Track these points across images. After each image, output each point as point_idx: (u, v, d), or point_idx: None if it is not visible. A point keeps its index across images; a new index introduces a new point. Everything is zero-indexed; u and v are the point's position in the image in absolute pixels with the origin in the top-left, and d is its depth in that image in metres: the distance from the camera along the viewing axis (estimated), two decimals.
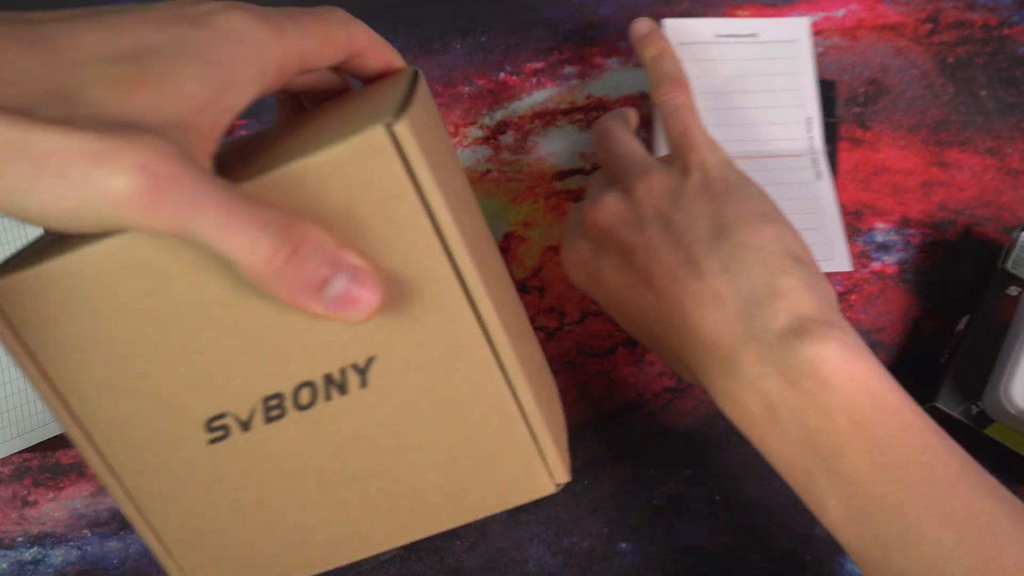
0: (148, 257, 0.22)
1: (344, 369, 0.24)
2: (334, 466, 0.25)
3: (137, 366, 0.23)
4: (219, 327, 0.23)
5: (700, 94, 0.45)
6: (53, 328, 0.23)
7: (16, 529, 0.43)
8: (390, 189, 0.21)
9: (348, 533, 0.26)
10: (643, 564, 0.41)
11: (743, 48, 0.45)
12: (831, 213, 0.43)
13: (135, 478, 0.25)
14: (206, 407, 0.24)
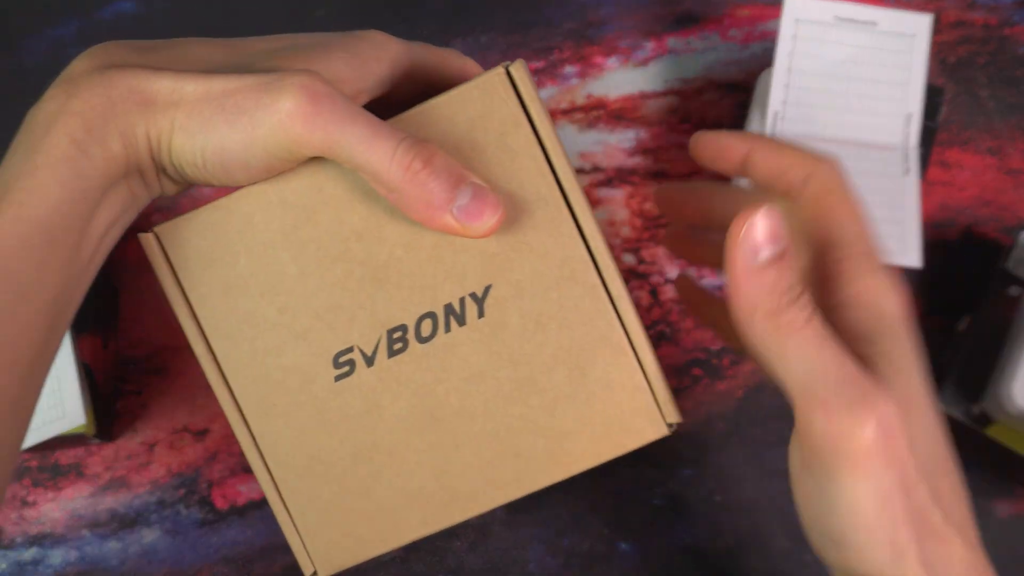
0: (294, 196, 0.25)
1: (463, 299, 0.25)
2: (451, 401, 0.25)
3: (278, 301, 0.25)
4: (353, 261, 0.25)
5: (808, 74, 0.45)
6: (206, 267, 0.26)
7: (15, 529, 0.43)
8: (507, 121, 0.25)
9: (464, 484, 0.26)
10: (643, 564, 0.41)
11: (860, 34, 0.45)
12: (912, 210, 0.43)
13: (263, 420, 0.26)
14: (336, 341, 0.25)
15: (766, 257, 0.23)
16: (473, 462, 0.26)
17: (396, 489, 0.26)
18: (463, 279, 0.25)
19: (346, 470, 0.26)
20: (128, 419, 0.45)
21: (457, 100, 0.25)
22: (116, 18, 0.56)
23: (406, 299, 0.25)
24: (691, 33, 0.54)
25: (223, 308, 0.26)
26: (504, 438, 0.26)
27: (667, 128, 0.51)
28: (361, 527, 0.26)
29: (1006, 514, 0.41)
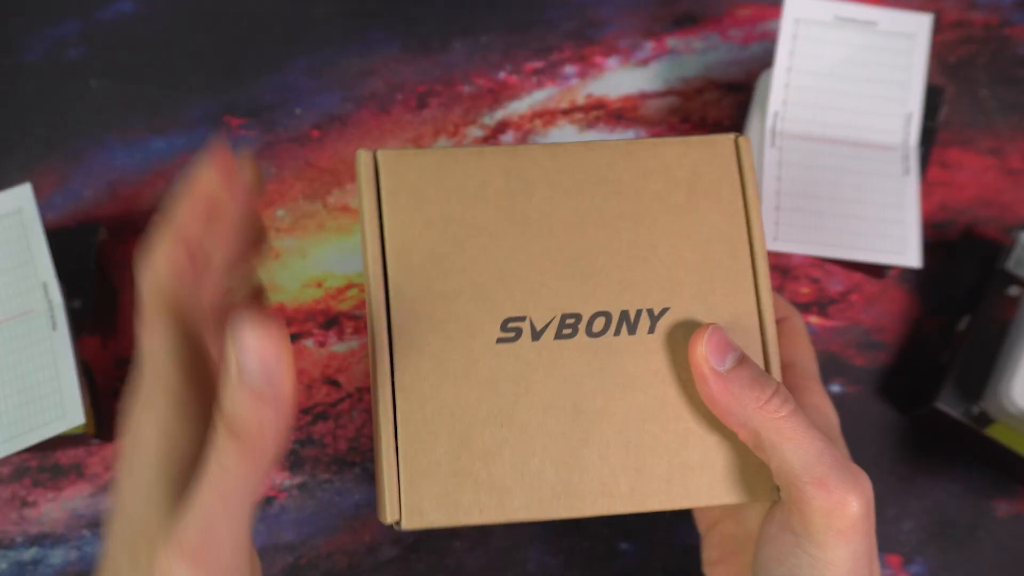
0: (519, 168, 0.27)
1: (640, 311, 0.27)
2: (599, 401, 0.26)
3: (470, 252, 0.26)
4: (552, 242, 0.27)
5: (808, 74, 0.45)
6: (413, 201, 0.26)
7: (15, 529, 0.43)
8: (725, 175, 0.28)
9: (578, 483, 0.26)
10: (643, 564, 0.41)
11: (860, 34, 0.45)
12: (911, 210, 0.43)
13: (409, 355, 0.25)
14: (512, 307, 0.26)
15: (733, 361, 0.26)
16: (595, 464, 0.26)
17: (513, 465, 0.26)
18: (646, 294, 0.27)
19: (473, 430, 0.25)
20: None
21: (693, 144, 0.28)
22: (116, 18, 0.56)
23: (589, 293, 0.27)
24: (691, 33, 0.54)
25: (414, 242, 0.26)
26: (632, 451, 0.26)
27: (667, 128, 0.51)
28: (463, 492, 0.25)
29: (1006, 514, 0.41)
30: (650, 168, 0.28)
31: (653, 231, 0.27)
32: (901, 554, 0.41)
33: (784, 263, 0.47)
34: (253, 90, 0.53)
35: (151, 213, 0.50)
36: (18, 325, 0.42)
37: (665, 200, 0.27)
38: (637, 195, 0.27)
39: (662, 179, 0.28)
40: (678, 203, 0.27)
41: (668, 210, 0.27)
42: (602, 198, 0.27)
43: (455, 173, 0.27)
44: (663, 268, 0.27)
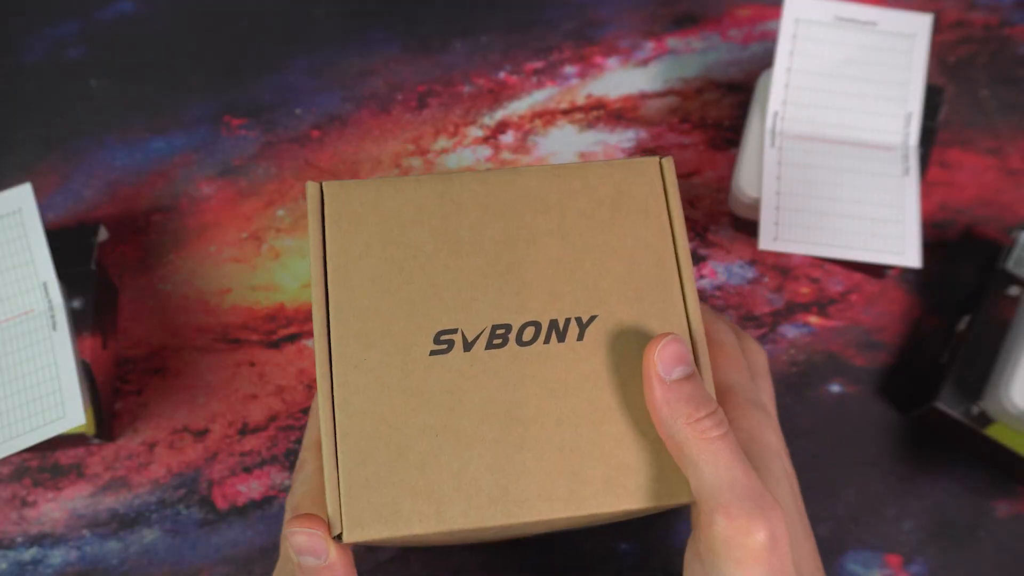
0: (453, 192, 0.29)
1: (569, 319, 0.28)
2: (531, 406, 0.27)
3: (406, 270, 0.28)
4: (484, 258, 0.28)
5: (808, 74, 0.46)
6: (355, 226, 0.28)
7: (15, 529, 0.43)
8: (651, 193, 0.29)
9: (517, 488, 0.26)
10: (643, 564, 0.41)
11: (860, 34, 0.46)
12: (911, 210, 0.43)
13: (349, 370, 0.27)
14: (445, 320, 0.27)
15: (681, 373, 0.26)
16: (532, 469, 0.26)
17: (450, 473, 0.26)
18: (574, 304, 0.28)
19: (409, 441, 0.26)
20: (128, 419, 0.45)
21: (616, 165, 0.30)
22: (116, 18, 0.56)
23: (519, 305, 0.28)
24: (691, 33, 0.54)
25: (354, 264, 0.28)
26: (568, 455, 0.26)
27: (667, 128, 0.51)
28: (403, 502, 0.26)
29: (1006, 514, 0.41)
30: (575, 189, 0.29)
31: (579, 246, 0.28)
32: (901, 554, 0.41)
33: (784, 263, 0.47)
34: (253, 90, 0.53)
35: (151, 213, 0.50)
36: (18, 325, 0.42)
37: (591, 217, 0.29)
38: (563, 213, 0.29)
39: (587, 198, 0.29)
40: (603, 219, 0.29)
41: (593, 226, 0.29)
42: (530, 217, 0.29)
43: (394, 200, 0.29)
44: (590, 279, 0.28)
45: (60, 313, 0.42)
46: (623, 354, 0.28)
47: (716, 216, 0.48)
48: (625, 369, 0.27)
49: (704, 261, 0.47)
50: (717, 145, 0.50)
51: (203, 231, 0.49)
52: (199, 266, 0.48)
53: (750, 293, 0.46)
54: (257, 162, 0.51)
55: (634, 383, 0.27)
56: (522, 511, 0.26)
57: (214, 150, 0.52)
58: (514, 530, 0.28)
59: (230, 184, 0.50)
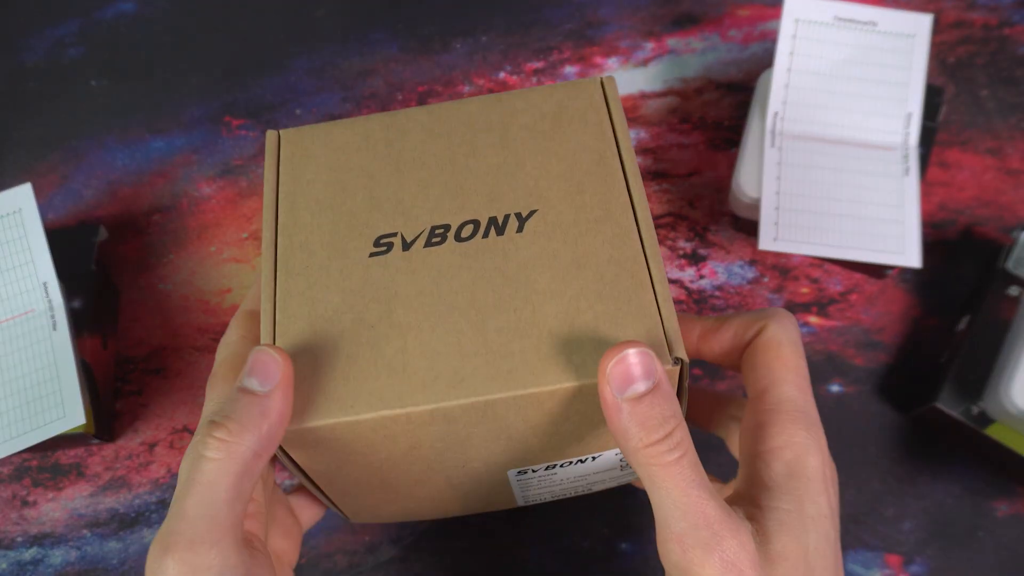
0: (400, 123, 0.30)
1: (508, 215, 0.28)
2: (467, 293, 0.27)
3: (350, 189, 0.29)
4: (426, 172, 0.29)
5: (808, 74, 0.46)
6: (306, 159, 0.30)
7: (16, 529, 0.43)
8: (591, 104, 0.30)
9: (450, 370, 0.26)
10: (643, 564, 0.41)
11: (860, 34, 0.46)
12: (911, 210, 0.43)
13: (290, 278, 0.28)
14: (384, 226, 0.28)
15: (632, 393, 0.24)
16: (468, 352, 0.26)
17: (384, 361, 0.26)
18: (514, 201, 0.28)
19: (344, 334, 0.26)
20: (128, 419, 0.45)
21: (559, 86, 0.31)
22: (116, 18, 0.56)
23: (458, 207, 0.28)
24: (691, 33, 0.54)
25: (302, 190, 0.29)
26: (505, 337, 0.26)
27: (667, 128, 0.51)
28: (340, 389, 0.26)
29: (1006, 514, 0.41)
30: (518, 108, 0.30)
31: (520, 153, 0.29)
32: (901, 554, 0.41)
33: (784, 263, 0.47)
34: (253, 90, 0.53)
35: (151, 213, 0.50)
36: (18, 325, 0.42)
37: (532, 128, 0.30)
38: (505, 128, 0.30)
39: (529, 114, 0.30)
40: (544, 129, 0.30)
41: (535, 135, 0.29)
42: (472, 134, 0.30)
43: (343, 135, 0.30)
44: (530, 180, 0.29)
45: (60, 313, 0.42)
46: (564, 241, 0.27)
47: (716, 216, 0.48)
48: (566, 254, 0.27)
49: (704, 261, 0.47)
50: (717, 145, 0.50)
51: (203, 231, 0.49)
52: (199, 266, 0.48)
53: (750, 293, 0.46)
54: (257, 162, 0.51)
55: (576, 266, 0.27)
56: (456, 391, 0.25)
57: (214, 150, 0.52)
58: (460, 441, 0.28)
59: (230, 184, 0.50)
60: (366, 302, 0.27)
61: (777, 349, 0.29)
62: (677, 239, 0.48)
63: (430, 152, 0.30)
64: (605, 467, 0.31)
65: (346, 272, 0.28)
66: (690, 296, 0.46)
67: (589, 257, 0.27)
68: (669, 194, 0.49)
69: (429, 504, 0.33)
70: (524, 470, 0.30)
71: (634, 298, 0.26)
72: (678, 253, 0.47)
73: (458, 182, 0.29)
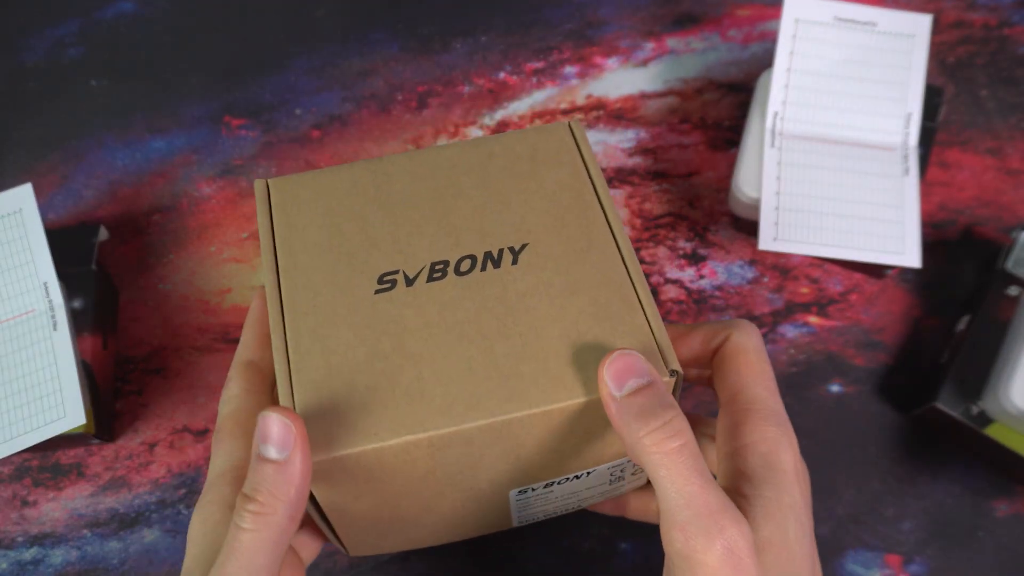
0: (385, 168, 0.32)
1: (502, 249, 0.30)
2: (473, 323, 0.29)
3: (345, 231, 0.31)
4: (416, 211, 0.31)
5: (808, 74, 0.46)
6: (298, 206, 0.31)
7: (16, 529, 0.43)
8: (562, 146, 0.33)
9: (466, 394, 0.27)
10: (643, 564, 0.41)
11: (860, 34, 0.46)
12: (911, 210, 0.43)
13: (299, 318, 0.29)
14: (385, 264, 0.30)
15: (632, 386, 0.26)
16: (480, 376, 0.27)
17: (402, 390, 0.27)
18: (505, 237, 0.30)
19: (360, 367, 0.28)
20: (128, 419, 0.45)
21: (529, 131, 0.33)
22: (116, 18, 0.56)
23: (453, 244, 0.30)
24: (691, 33, 0.54)
25: (298, 235, 0.31)
26: (513, 362, 0.28)
27: (667, 128, 0.51)
28: (362, 419, 0.27)
29: (1006, 514, 0.41)
30: (495, 152, 0.32)
31: (503, 192, 0.31)
32: (901, 554, 0.41)
33: (784, 263, 0.47)
34: (253, 90, 0.53)
35: (151, 213, 0.50)
36: (19, 325, 0.42)
37: (510, 170, 0.32)
38: (485, 170, 0.32)
39: (506, 157, 0.32)
40: (522, 170, 0.32)
41: (514, 176, 0.32)
42: (455, 176, 0.32)
43: (331, 181, 0.32)
44: (516, 217, 0.31)
45: (60, 313, 0.42)
46: (556, 271, 0.29)
47: (716, 216, 0.48)
48: (559, 282, 0.29)
49: (704, 261, 0.47)
50: (717, 145, 0.50)
51: (203, 231, 0.49)
52: (199, 266, 0.48)
53: (750, 293, 0.46)
54: (257, 162, 0.51)
55: (570, 292, 0.29)
56: (475, 414, 0.27)
57: (214, 150, 0.52)
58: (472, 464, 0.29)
59: (230, 184, 0.50)
60: (377, 335, 0.28)
61: (745, 355, 0.31)
62: (677, 239, 0.48)
63: (418, 194, 0.31)
64: (596, 482, 0.33)
65: (353, 308, 0.29)
66: (690, 296, 0.46)
67: (581, 283, 0.29)
68: (669, 194, 0.49)
69: (429, 532, 0.33)
70: (525, 489, 0.31)
71: (627, 318, 0.28)
72: (678, 253, 0.47)
73: (450, 221, 0.31)
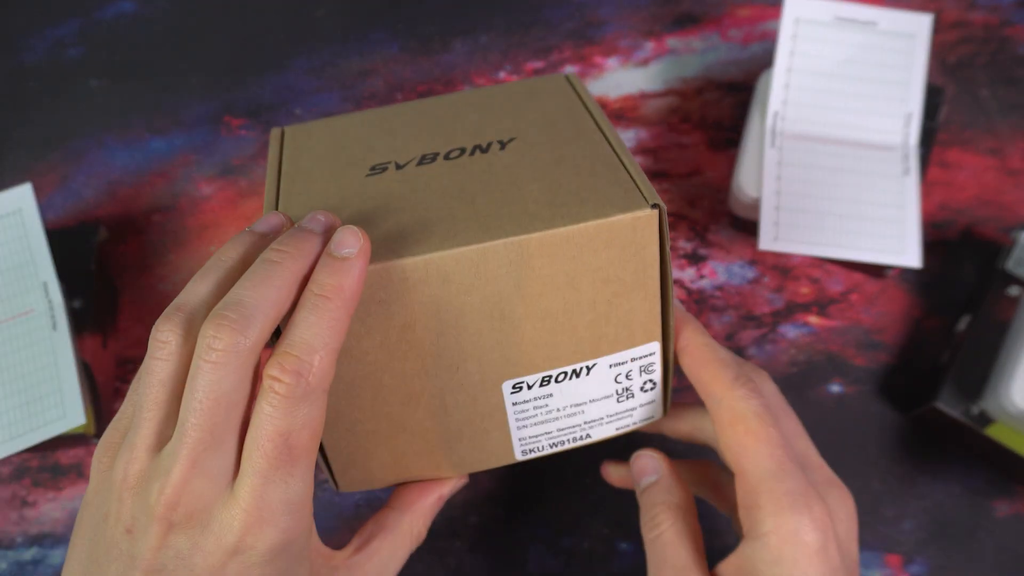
0: (393, 108, 0.35)
1: (491, 142, 0.32)
2: (457, 187, 0.30)
3: (347, 146, 0.33)
4: (414, 130, 0.33)
5: (808, 74, 0.46)
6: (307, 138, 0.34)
7: (15, 529, 0.43)
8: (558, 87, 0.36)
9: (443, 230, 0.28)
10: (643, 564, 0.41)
11: (860, 34, 0.46)
12: (911, 209, 0.43)
13: (291, 198, 0.30)
14: (377, 157, 0.32)
15: (645, 483, 0.32)
16: (460, 218, 0.28)
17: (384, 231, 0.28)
18: (495, 133, 0.32)
19: (345, 220, 0.29)
20: None
21: (531, 80, 0.36)
22: (116, 18, 0.56)
23: (445, 140, 0.32)
24: (691, 33, 0.54)
25: (303, 155, 0.33)
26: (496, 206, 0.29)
27: (667, 128, 0.51)
28: None
29: (1006, 514, 0.41)
30: (494, 93, 0.35)
31: (498, 112, 0.33)
32: (901, 554, 0.41)
33: (784, 263, 0.47)
34: (253, 90, 0.53)
35: (151, 213, 0.50)
36: (18, 325, 0.42)
37: (507, 99, 0.34)
38: (485, 105, 0.34)
39: (505, 94, 0.35)
40: (519, 98, 0.34)
41: (509, 96, 0.34)
42: (456, 109, 0.34)
43: (340, 121, 0.35)
44: (508, 119, 0.33)
45: (60, 313, 0.42)
46: (543, 151, 0.31)
47: (716, 216, 0.48)
48: (546, 157, 0.30)
49: (704, 261, 0.47)
50: (717, 145, 0.50)
51: (203, 231, 0.49)
52: (199, 266, 0.48)
53: (750, 293, 0.46)
54: (257, 162, 0.51)
55: (555, 164, 0.30)
56: (450, 242, 0.27)
57: (214, 150, 0.52)
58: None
59: (230, 184, 0.50)
60: (363, 200, 0.29)
61: (743, 423, 0.29)
62: (677, 239, 0.48)
63: (418, 121, 0.34)
64: (600, 393, 0.32)
65: (344, 185, 0.31)
66: (690, 296, 0.46)
67: (566, 158, 0.30)
68: (669, 194, 0.49)
69: (422, 447, 0.32)
70: (519, 385, 0.31)
71: (609, 174, 0.29)
72: (678, 253, 0.47)
73: (444, 126, 0.33)
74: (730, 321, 0.46)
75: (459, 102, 0.35)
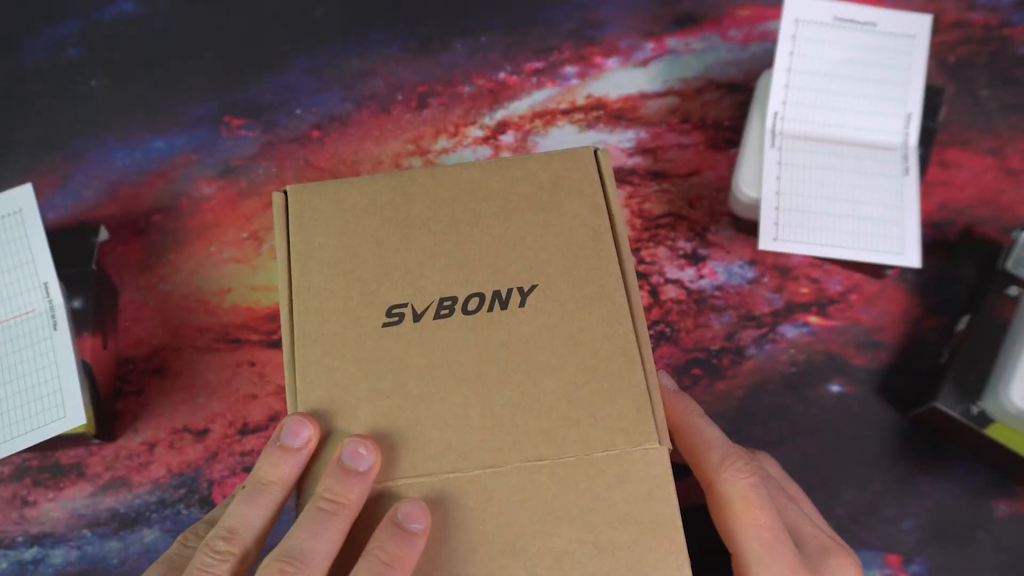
0: (403, 186, 0.31)
1: (511, 289, 0.30)
2: (475, 367, 0.29)
3: (360, 254, 0.30)
4: (431, 240, 0.31)
5: (808, 74, 0.46)
6: (315, 220, 0.31)
7: (16, 529, 0.43)
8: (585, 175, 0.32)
9: (458, 441, 0.28)
10: None
11: (860, 35, 0.46)
12: (911, 210, 0.43)
13: (307, 345, 0.29)
14: (395, 296, 0.30)
15: None
16: (475, 424, 0.28)
17: (400, 431, 0.28)
18: (516, 275, 0.30)
19: (360, 403, 0.28)
20: (128, 419, 0.45)
21: (555, 155, 0.32)
22: (116, 18, 0.56)
23: (464, 279, 0.30)
24: (691, 33, 0.54)
25: (313, 253, 0.31)
26: (510, 411, 0.28)
27: (667, 128, 0.51)
28: None
29: (1006, 514, 0.41)
30: (518, 177, 0.32)
31: (521, 224, 0.31)
32: (901, 554, 0.41)
33: (784, 263, 0.47)
34: (253, 90, 0.53)
35: (151, 213, 0.50)
36: (19, 325, 0.42)
37: (531, 199, 0.31)
38: (506, 197, 0.31)
39: (528, 184, 0.32)
40: (543, 201, 0.31)
41: (534, 207, 0.31)
42: (475, 202, 0.31)
43: (350, 195, 0.31)
44: (530, 252, 0.30)
45: (60, 313, 0.42)
46: (563, 317, 0.29)
47: (716, 216, 0.48)
48: (565, 330, 0.29)
49: (704, 261, 0.47)
50: (717, 145, 0.50)
51: (203, 231, 0.49)
52: (199, 266, 0.48)
53: (750, 293, 0.46)
54: (257, 162, 0.51)
55: (573, 343, 0.29)
56: (466, 462, 0.27)
57: (214, 150, 0.52)
58: None
59: (230, 184, 0.50)
60: (381, 373, 0.29)
61: (730, 508, 0.29)
62: (677, 239, 0.48)
63: (435, 218, 0.31)
64: None
65: (360, 341, 0.29)
66: (690, 296, 0.46)
67: (585, 333, 0.29)
68: (669, 194, 0.49)
69: None
70: None
71: (626, 376, 0.28)
72: (678, 253, 0.47)
73: (463, 252, 0.31)
74: (730, 321, 0.46)
75: (479, 188, 0.32)
